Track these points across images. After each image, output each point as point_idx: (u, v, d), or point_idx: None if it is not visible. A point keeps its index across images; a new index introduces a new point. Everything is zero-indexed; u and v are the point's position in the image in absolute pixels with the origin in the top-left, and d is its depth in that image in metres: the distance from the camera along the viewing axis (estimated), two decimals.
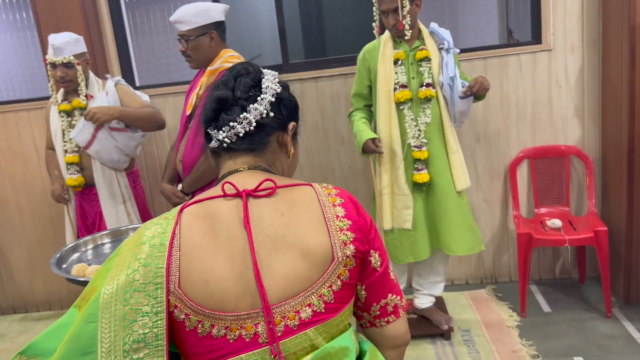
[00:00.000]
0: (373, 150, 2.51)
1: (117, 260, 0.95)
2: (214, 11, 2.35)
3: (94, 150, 2.63)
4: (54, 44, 2.56)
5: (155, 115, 2.70)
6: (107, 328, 0.89)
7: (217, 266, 0.92)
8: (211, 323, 0.91)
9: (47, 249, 3.51)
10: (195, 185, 2.39)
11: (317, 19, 3.36)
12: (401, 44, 2.56)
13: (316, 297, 0.93)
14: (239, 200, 0.98)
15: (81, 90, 2.65)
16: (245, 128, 1.01)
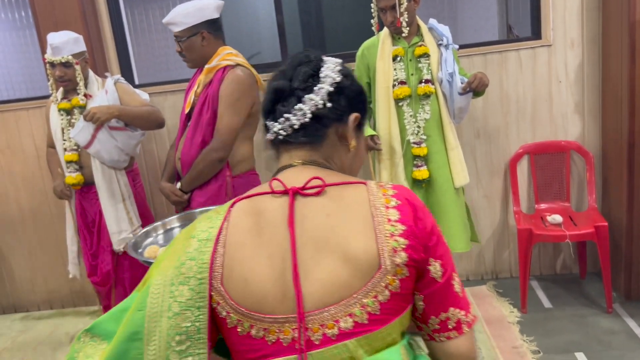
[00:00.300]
0: (372, 147, 2.50)
1: (170, 251, 0.97)
2: (205, 10, 2.33)
3: (94, 150, 2.63)
4: (53, 43, 2.56)
5: (155, 114, 2.70)
6: (153, 317, 0.90)
7: (257, 266, 0.90)
8: (250, 323, 0.89)
9: (47, 248, 3.51)
10: (193, 184, 2.39)
11: (316, 16, 3.35)
12: (400, 41, 2.55)
13: (358, 307, 0.87)
14: (286, 198, 0.94)
15: (80, 89, 2.65)
16: (300, 120, 0.96)
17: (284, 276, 0.89)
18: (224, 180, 2.36)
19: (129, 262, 2.84)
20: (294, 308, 0.88)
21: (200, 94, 2.40)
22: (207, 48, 2.38)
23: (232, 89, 2.30)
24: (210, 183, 2.37)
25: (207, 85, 2.37)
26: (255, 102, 2.40)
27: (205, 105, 2.35)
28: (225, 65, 2.34)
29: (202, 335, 0.89)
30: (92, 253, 2.86)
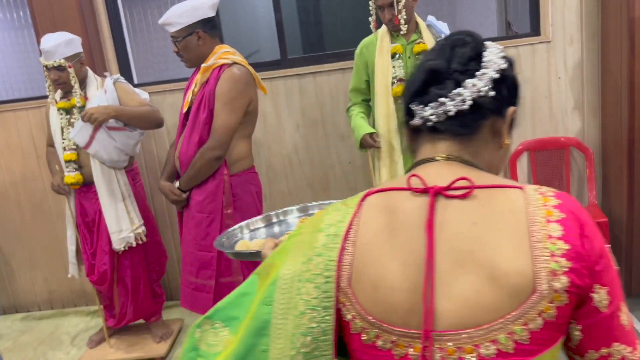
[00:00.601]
0: (371, 145, 2.50)
1: (296, 242, 0.89)
2: (199, 9, 2.32)
3: (93, 150, 2.63)
4: (44, 47, 2.55)
5: (153, 114, 2.69)
6: (280, 314, 0.84)
7: (389, 271, 0.80)
8: (377, 333, 0.80)
9: (47, 248, 3.52)
10: (191, 183, 2.39)
11: (314, 13, 3.34)
12: (398, 38, 2.55)
13: (504, 334, 0.75)
14: (425, 198, 0.82)
15: (75, 92, 2.64)
16: (458, 106, 0.84)
17: (418, 287, 0.78)
18: (222, 179, 2.36)
19: (129, 261, 2.84)
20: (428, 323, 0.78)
21: (197, 93, 2.39)
22: (203, 47, 2.37)
23: (228, 88, 2.29)
24: (208, 182, 2.37)
25: (204, 84, 2.37)
26: (252, 100, 2.39)
27: (202, 104, 2.35)
28: (221, 63, 2.33)
29: (329, 337, 0.82)
30: (92, 252, 2.87)
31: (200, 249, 2.36)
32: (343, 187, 3.32)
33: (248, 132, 2.47)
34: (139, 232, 2.79)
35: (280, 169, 3.35)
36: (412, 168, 0.89)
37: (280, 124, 3.28)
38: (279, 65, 3.25)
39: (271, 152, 3.33)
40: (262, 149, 3.32)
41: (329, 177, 3.33)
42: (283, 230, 1.69)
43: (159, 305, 3.06)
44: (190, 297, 2.44)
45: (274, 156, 3.33)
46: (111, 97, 2.66)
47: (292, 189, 3.37)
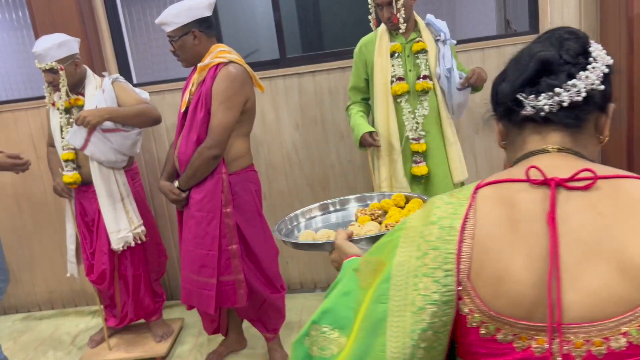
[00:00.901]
0: (370, 143, 2.50)
1: (403, 236, 0.88)
2: (195, 9, 2.32)
3: (89, 152, 2.64)
4: (36, 51, 2.54)
5: (148, 111, 2.68)
6: (397, 311, 0.84)
7: (513, 265, 0.79)
8: (497, 327, 0.80)
9: (48, 248, 3.52)
10: (190, 182, 2.39)
11: (313, 12, 3.35)
12: (397, 37, 2.55)
13: (635, 327, 0.75)
14: (545, 189, 0.82)
15: (61, 95, 2.63)
16: (573, 97, 0.85)
17: (543, 280, 0.78)
18: (220, 178, 2.36)
19: (129, 261, 2.84)
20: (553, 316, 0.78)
21: (194, 93, 2.40)
22: (199, 47, 2.37)
23: (224, 86, 2.29)
24: (207, 180, 2.37)
25: (201, 84, 2.37)
26: (249, 98, 2.39)
27: (199, 104, 2.35)
28: (217, 62, 2.34)
29: (447, 329, 0.82)
30: (91, 252, 2.87)
31: (201, 247, 2.37)
32: (343, 186, 3.32)
33: (246, 131, 2.47)
34: (138, 232, 2.79)
35: (280, 168, 3.35)
36: (520, 160, 0.90)
37: (279, 123, 3.28)
38: (278, 64, 3.25)
39: (271, 151, 3.33)
40: (262, 148, 3.32)
41: (328, 176, 3.33)
42: (340, 219, 1.71)
43: (159, 304, 3.06)
44: (191, 295, 2.44)
45: (273, 155, 3.33)
46: (109, 96, 2.66)
47: (292, 187, 3.37)
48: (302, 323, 3.10)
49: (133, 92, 2.76)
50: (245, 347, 2.87)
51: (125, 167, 2.83)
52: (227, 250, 2.38)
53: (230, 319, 2.79)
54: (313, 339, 0.96)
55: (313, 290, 3.50)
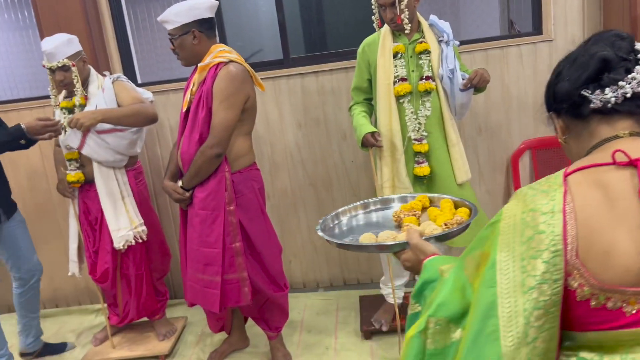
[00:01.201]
0: (372, 144, 2.51)
1: (503, 226, 0.97)
2: (196, 9, 2.35)
3: (86, 152, 2.67)
4: (46, 50, 2.57)
5: (142, 111, 2.68)
6: (506, 294, 0.92)
7: (617, 239, 0.89)
8: (607, 296, 0.90)
9: (51, 246, 3.54)
10: (193, 181, 2.40)
11: (317, 12, 3.35)
12: (400, 37, 2.55)
13: None
14: (632, 170, 0.93)
15: (77, 90, 2.66)
16: (634, 88, 0.98)
17: None
18: (223, 176, 2.38)
19: (132, 260, 2.86)
20: None
21: (195, 92, 2.41)
22: (198, 46, 2.39)
23: (225, 85, 2.31)
24: (210, 179, 2.39)
25: (202, 83, 2.39)
26: (250, 97, 2.40)
27: (200, 103, 2.37)
28: (218, 62, 2.36)
29: (557, 308, 0.90)
30: (94, 250, 2.88)
31: (206, 245, 2.38)
32: (345, 185, 3.33)
33: (247, 129, 2.48)
34: (139, 231, 2.80)
35: (283, 167, 3.36)
36: (595, 147, 1.02)
37: (282, 123, 3.29)
38: (281, 64, 3.26)
39: (274, 150, 3.34)
40: (265, 147, 3.33)
41: (331, 175, 3.34)
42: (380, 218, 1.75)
43: (163, 303, 3.07)
44: (196, 294, 2.45)
45: (276, 154, 3.34)
46: (109, 95, 2.69)
47: (295, 187, 3.38)
48: (305, 322, 3.11)
49: (133, 91, 2.78)
50: (248, 346, 2.88)
51: (128, 166, 2.85)
52: (231, 248, 2.40)
53: (234, 317, 2.81)
54: (429, 332, 1.05)
55: (316, 290, 3.51)
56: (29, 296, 2.94)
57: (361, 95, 2.71)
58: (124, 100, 2.71)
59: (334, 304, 3.28)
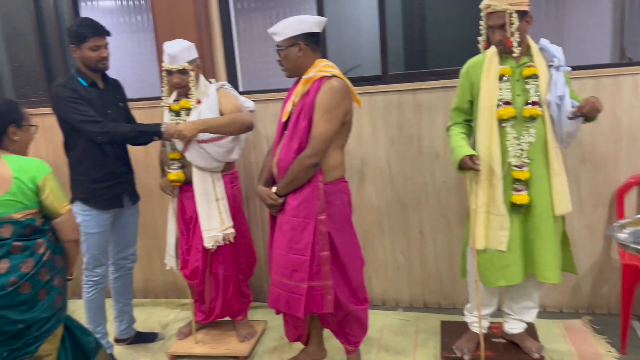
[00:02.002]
0: (470, 167, 2.45)
1: None
2: (305, 23, 2.42)
3: (188, 158, 2.83)
4: (170, 52, 2.73)
5: (239, 119, 2.79)
6: None
7: None
8: None
9: (145, 239, 3.73)
10: (287, 188, 2.46)
11: (419, 29, 3.34)
12: (508, 60, 2.48)
13: None
14: None
15: (192, 94, 2.81)
16: None
17: None
18: (317, 186, 2.42)
19: (221, 260, 2.96)
20: None
21: (297, 104, 2.47)
22: (302, 59, 2.45)
23: (327, 98, 2.37)
24: (304, 188, 2.43)
25: (304, 95, 2.45)
26: (349, 112, 2.45)
27: (302, 114, 2.43)
28: (321, 76, 2.42)
29: None
30: (187, 248, 3.01)
31: (294, 252, 2.42)
32: (434, 206, 3.28)
33: (342, 143, 2.52)
34: (228, 233, 2.90)
35: (371, 182, 3.36)
36: None
37: (375, 138, 3.29)
38: (379, 80, 3.27)
39: (363, 165, 3.35)
40: (355, 161, 3.35)
41: (420, 194, 3.29)
42: None
43: (246, 305, 3.15)
44: (280, 299, 2.49)
45: (366, 169, 3.35)
46: (212, 102, 2.82)
47: (382, 203, 3.37)
48: (383, 341, 3.07)
49: (234, 99, 2.89)
50: (325, 357, 2.89)
51: (225, 171, 2.96)
52: (319, 256, 2.43)
53: (312, 328, 2.82)
54: None
55: (395, 309, 3.47)
56: (123, 282, 3.13)
57: (461, 116, 2.66)
58: (224, 108, 2.83)
59: (413, 325, 3.22)
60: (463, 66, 2.63)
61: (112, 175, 2.88)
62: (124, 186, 2.95)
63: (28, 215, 2.05)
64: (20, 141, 2.16)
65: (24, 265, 1.99)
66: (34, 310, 2.02)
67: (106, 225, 2.90)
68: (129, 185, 3.00)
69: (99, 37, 2.77)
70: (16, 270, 1.97)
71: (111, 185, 2.87)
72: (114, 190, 2.88)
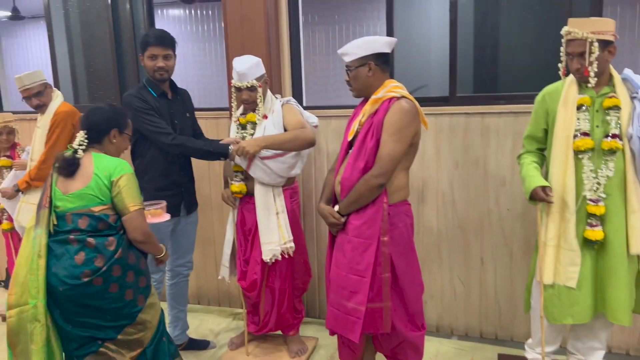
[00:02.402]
0: (542, 199, 2.36)
1: None
2: (376, 43, 2.41)
3: (252, 173, 2.86)
4: (239, 70, 2.77)
5: (301, 136, 2.80)
6: None
7: None
8: None
9: (202, 247, 3.78)
10: (351, 207, 2.43)
11: (491, 53, 3.26)
12: (587, 89, 2.39)
13: None
14: None
15: (259, 110, 2.84)
16: None
17: None
18: (381, 207, 2.38)
19: (278, 274, 2.96)
20: None
21: (364, 123, 2.45)
22: (371, 79, 2.43)
23: (397, 119, 2.34)
24: (368, 208, 2.40)
25: (373, 115, 2.42)
26: (417, 133, 2.41)
27: (369, 133, 2.40)
28: (391, 96, 2.39)
29: None
30: (245, 259, 3.03)
31: (355, 273, 2.39)
32: (497, 234, 3.18)
33: (408, 164, 2.48)
34: (287, 247, 2.90)
35: (432, 205, 3.29)
36: None
37: (439, 160, 3.23)
38: (446, 101, 3.22)
39: (425, 187, 3.29)
40: (416, 182, 3.29)
41: (483, 221, 3.20)
42: None
43: (298, 320, 3.14)
44: (338, 320, 2.46)
45: (427, 191, 3.29)
46: (277, 117, 2.85)
47: (442, 227, 3.29)
48: None
49: (298, 115, 2.91)
50: None
51: (286, 185, 2.97)
52: (380, 278, 2.38)
53: (366, 351, 2.78)
54: None
55: (449, 337, 3.37)
56: (179, 288, 3.19)
57: (534, 145, 2.57)
58: (288, 123, 2.85)
59: (468, 355, 3.12)
60: (539, 93, 2.55)
61: (175, 185, 2.95)
62: (183, 195, 3.01)
63: (103, 211, 2.18)
64: (116, 145, 2.35)
65: (97, 260, 2.12)
66: (104, 299, 2.14)
67: (165, 233, 2.96)
68: (188, 195, 3.06)
69: (158, 47, 2.83)
70: (90, 263, 2.11)
71: (173, 195, 2.93)
72: (175, 199, 2.94)
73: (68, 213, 2.15)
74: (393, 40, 2.49)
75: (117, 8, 4.00)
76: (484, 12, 3.20)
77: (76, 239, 2.11)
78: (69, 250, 2.10)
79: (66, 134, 3.30)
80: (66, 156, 2.21)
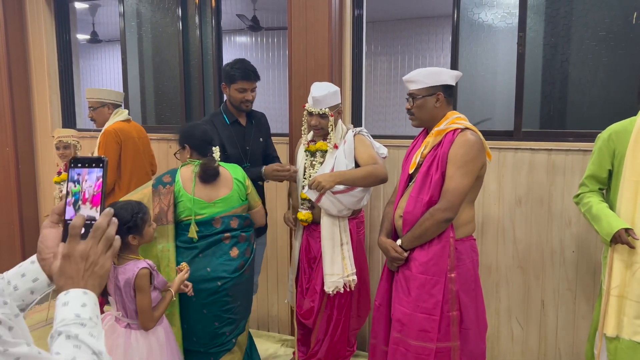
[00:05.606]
0: (625, 241, 2.21)
1: None
2: (445, 74, 2.39)
3: (321, 205, 2.83)
4: (315, 95, 2.79)
5: (375, 172, 2.77)
6: None
7: None
8: None
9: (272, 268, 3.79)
10: (415, 242, 2.36)
11: (560, 88, 3.16)
12: None
13: None
14: None
15: (330, 139, 2.84)
16: None
17: None
18: (448, 242, 2.30)
19: (337, 303, 2.90)
20: None
21: (427, 155, 2.40)
22: (437, 110, 2.40)
23: (463, 152, 2.28)
24: (433, 243, 2.33)
25: (436, 147, 2.37)
26: (483, 165, 2.34)
27: (433, 166, 2.35)
28: (455, 127, 2.34)
29: None
30: (306, 287, 3.00)
31: (422, 311, 2.31)
32: (560, 276, 3.03)
33: (473, 197, 2.41)
34: (349, 280, 2.85)
35: (492, 242, 3.18)
36: None
37: (501, 196, 3.13)
38: (511, 136, 3.13)
39: (485, 222, 3.18)
40: (477, 217, 3.19)
41: (545, 262, 3.06)
42: None
43: (350, 353, 3.07)
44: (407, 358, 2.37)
45: (487, 227, 3.18)
46: (349, 147, 2.82)
47: (501, 266, 3.17)
48: None
49: (370, 148, 2.87)
50: None
51: (352, 215, 2.94)
52: (448, 316, 2.30)
53: None
54: None
55: None
56: None
57: (596, 185, 2.45)
58: (360, 157, 2.83)
59: None
60: (603, 131, 2.43)
61: None
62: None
63: (245, 210, 2.64)
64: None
65: (247, 251, 2.55)
66: (249, 287, 2.64)
67: None
68: None
69: (247, 82, 2.96)
70: (242, 255, 2.53)
71: None
72: None
73: (217, 217, 2.51)
74: (459, 74, 2.47)
75: (188, 34, 4.17)
76: (553, 45, 3.12)
77: (230, 236, 2.51)
78: (222, 248, 2.50)
79: (110, 152, 3.38)
80: (215, 167, 2.55)
